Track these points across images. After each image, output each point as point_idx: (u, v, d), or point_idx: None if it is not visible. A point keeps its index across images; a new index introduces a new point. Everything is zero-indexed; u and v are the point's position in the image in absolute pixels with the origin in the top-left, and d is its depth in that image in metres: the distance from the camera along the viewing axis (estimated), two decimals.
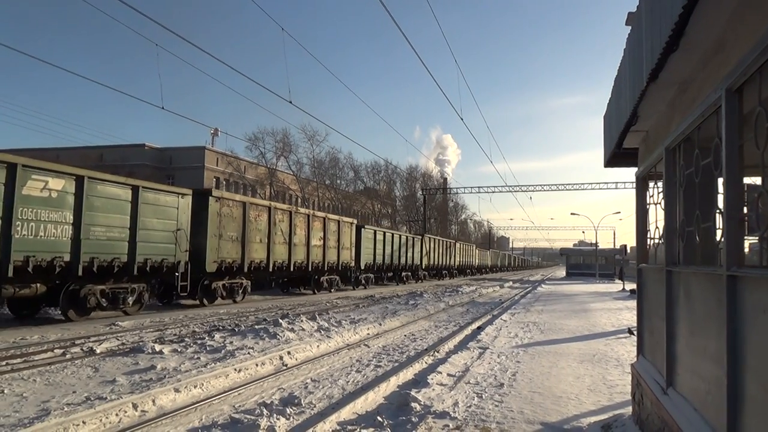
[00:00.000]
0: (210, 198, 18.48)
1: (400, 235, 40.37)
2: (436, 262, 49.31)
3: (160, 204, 16.02)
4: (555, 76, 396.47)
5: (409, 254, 41.39)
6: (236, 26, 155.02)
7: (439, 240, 52.23)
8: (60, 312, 13.94)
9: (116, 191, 14.50)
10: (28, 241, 12.00)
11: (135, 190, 15.04)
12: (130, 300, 15.24)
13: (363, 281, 33.04)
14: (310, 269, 25.40)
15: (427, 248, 46.32)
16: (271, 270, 22.13)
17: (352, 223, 30.84)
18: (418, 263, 43.77)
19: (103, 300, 14.38)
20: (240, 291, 20.65)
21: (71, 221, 13.03)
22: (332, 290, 28.50)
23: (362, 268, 32.16)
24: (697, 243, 3.61)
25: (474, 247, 72.26)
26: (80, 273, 13.26)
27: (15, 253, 11.69)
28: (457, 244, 60.22)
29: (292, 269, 23.79)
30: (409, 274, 42.39)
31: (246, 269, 20.32)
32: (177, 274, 16.48)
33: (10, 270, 11.61)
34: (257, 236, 21.14)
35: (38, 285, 12.82)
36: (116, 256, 14.42)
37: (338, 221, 29.03)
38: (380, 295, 26.02)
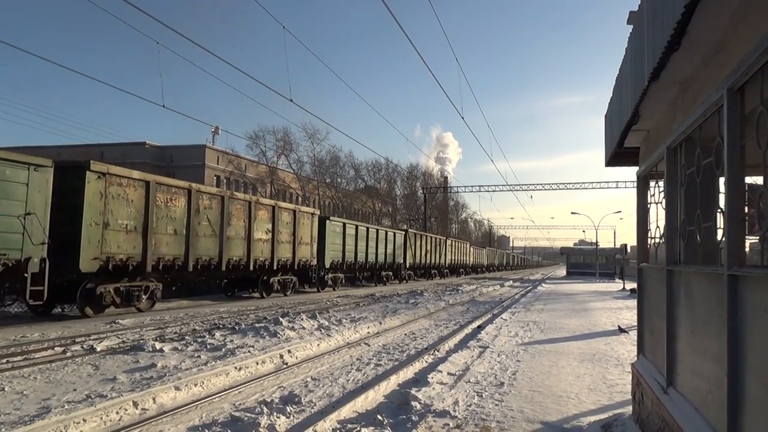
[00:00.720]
0: (88, 173, 13.66)
1: (377, 230, 35.85)
2: (423, 261, 45.31)
3: None
4: (556, 75, 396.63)
5: (389, 251, 36.78)
6: (237, 24, 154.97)
7: (426, 236, 47.59)
8: None
9: None
10: None
11: None
12: None
13: (330, 282, 28.62)
14: (252, 268, 20.88)
15: (412, 245, 42.20)
16: (191, 269, 17.50)
17: (313, 214, 26.30)
18: (401, 261, 39.46)
19: None
20: (143, 296, 15.91)
21: None
22: (288, 293, 24.14)
23: (327, 266, 27.77)
24: (698, 242, 3.60)
25: (468, 245, 69.02)
26: None
27: None
28: (448, 241, 56.27)
29: (224, 268, 19.23)
30: (390, 273, 38.11)
31: (150, 268, 15.79)
32: (26, 275, 11.90)
33: None
34: (169, 226, 16.62)
35: None
36: None
37: (293, 211, 24.35)
38: (381, 294, 26.02)
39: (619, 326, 13.94)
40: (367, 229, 34.20)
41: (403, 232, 41.49)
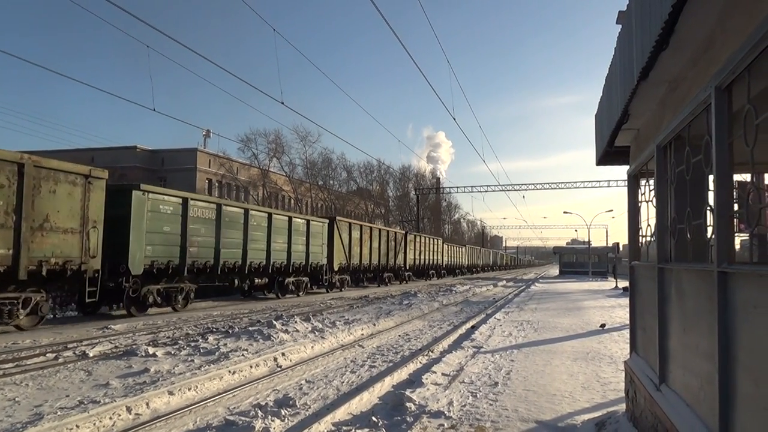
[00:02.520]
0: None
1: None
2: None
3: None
4: (546, 76, 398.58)
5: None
6: (228, 27, 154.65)
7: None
8: None
9: None
10: None
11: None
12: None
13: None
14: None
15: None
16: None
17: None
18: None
19: None
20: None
21: None
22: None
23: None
24: (689, 240, 3.63)
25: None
26: None
27: None
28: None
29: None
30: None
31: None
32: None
33: None
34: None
35: None
36: None
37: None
38: (374, 296, 26.01)
39: (601, 324, 14.50)
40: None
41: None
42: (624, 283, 30.10)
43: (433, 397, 6.78)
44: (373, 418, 5.85)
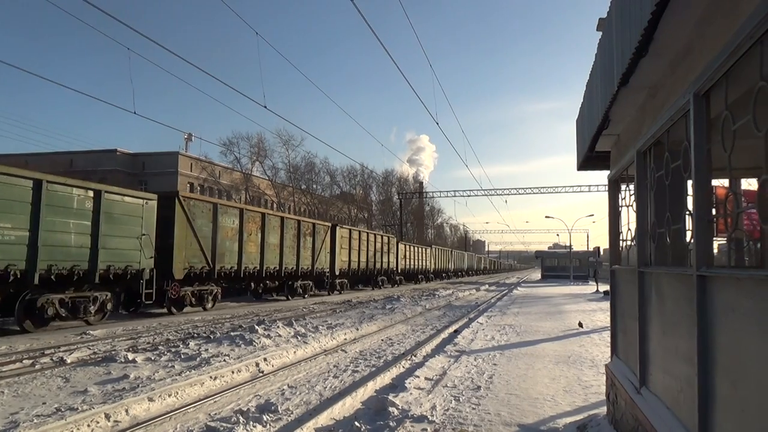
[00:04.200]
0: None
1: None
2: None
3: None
4: (527, 82, 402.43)
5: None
6: (210, 30, 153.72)
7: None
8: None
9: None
10: None
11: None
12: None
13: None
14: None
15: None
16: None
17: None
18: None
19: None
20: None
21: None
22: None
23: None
24: (668, 244, 3.68)
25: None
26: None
27: None
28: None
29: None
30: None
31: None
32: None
33: None
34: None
35: None
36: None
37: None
38: (357, 300, 25.96)
39: (579, 322, 15.74)
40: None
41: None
42: (605, 287, 30.41)
43: (416, 402, 6.77)
44: (356, 423, 5.82)
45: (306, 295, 27.34)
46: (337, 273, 30.88)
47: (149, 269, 16.21)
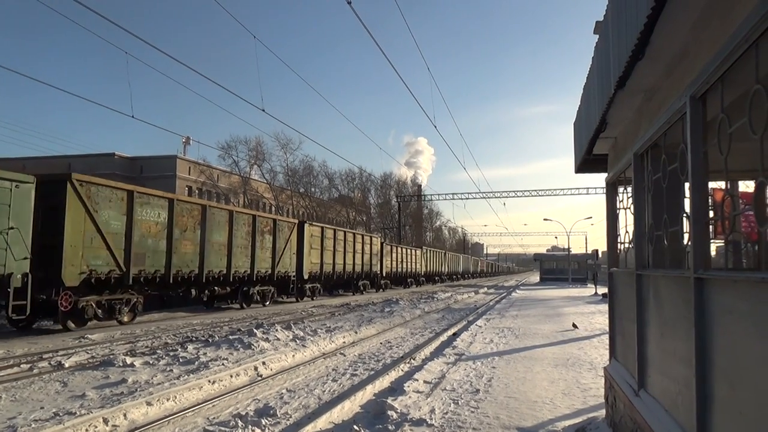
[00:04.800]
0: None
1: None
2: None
3: None
4: (525, 85, 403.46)
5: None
6: (208, 33, 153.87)
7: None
8: None
9: None
10: None
11: None
12: None
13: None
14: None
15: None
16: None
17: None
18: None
19: None
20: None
21: None
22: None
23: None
24: (666, 246, 3.68)
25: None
26: None
27: None
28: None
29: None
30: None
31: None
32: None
33: None
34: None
35: None
36: None
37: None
38: (356, 303, 25.94)
39: (573, 323, 16.24)
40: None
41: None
42: (603, 290, 30.43)
43: (414, 405, 6.77)
44: (355, 427, 5.81)
45: (267, 302, 24.08)
46: (305, 276, 27.22)
47: (21, 274, 12.38)
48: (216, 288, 20.45)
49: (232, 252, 20.76)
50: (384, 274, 41.15)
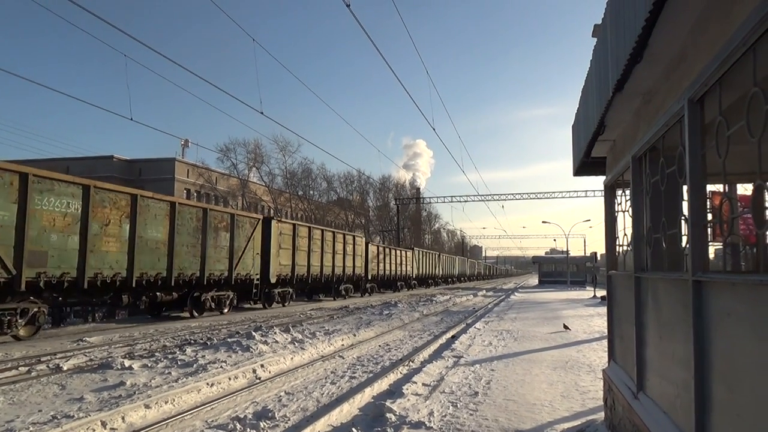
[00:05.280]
0: None
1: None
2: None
3: None
4: (523, 88, 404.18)
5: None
6: (207, 36, 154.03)
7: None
8: None
9: None
10: None
11: None
12: None
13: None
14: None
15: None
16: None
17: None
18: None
19: None
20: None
21: None
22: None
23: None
24: (664, 249, 3.69)
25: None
26: None
27: None
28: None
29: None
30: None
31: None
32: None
33: None
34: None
35: None
36: None
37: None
38: (354, 306, 25.92)
39: (564, 324, 16.46)
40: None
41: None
42: (602, 293, 30.46)
43: (413, 408, 6.76)
44: (354, 430, 5.81)
45: (225, 310, 20.93)
46: (273, 280, 23.85)
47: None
48: (159, 294, 17.28)
49: (175, 251, 17.46)
50: (370, 277, 38.00)
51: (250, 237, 22.13)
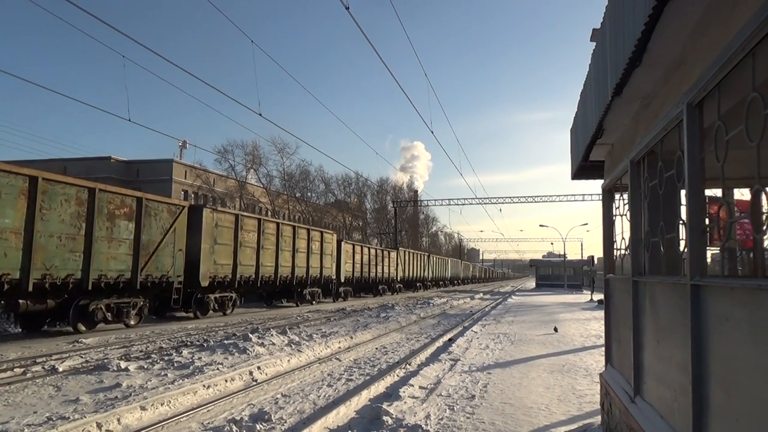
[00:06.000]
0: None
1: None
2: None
3: None
4: (522, 92, 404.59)
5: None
6: (205, 37, 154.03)
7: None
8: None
9: None
10: None
11: None
12: None
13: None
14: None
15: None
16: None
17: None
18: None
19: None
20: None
21: None
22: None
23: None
24: (662, 253, 3.69)
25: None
26: None
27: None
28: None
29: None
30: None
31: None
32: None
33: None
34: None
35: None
36: None
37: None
38: (351, 308, 25.89)
39: (554, 327, 16.92)
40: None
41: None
42: (599, 296, 30.47)
43: (410, 411, 6.75)
44: None
45: (131, 321, 16.46)
46: (204, 283, 19.73)
47: None
48: (26, 301, 13.07)
49: (35, 243, 12.84)
50: (343, 280, 33.98)
51: (168, 229, 17.52)
